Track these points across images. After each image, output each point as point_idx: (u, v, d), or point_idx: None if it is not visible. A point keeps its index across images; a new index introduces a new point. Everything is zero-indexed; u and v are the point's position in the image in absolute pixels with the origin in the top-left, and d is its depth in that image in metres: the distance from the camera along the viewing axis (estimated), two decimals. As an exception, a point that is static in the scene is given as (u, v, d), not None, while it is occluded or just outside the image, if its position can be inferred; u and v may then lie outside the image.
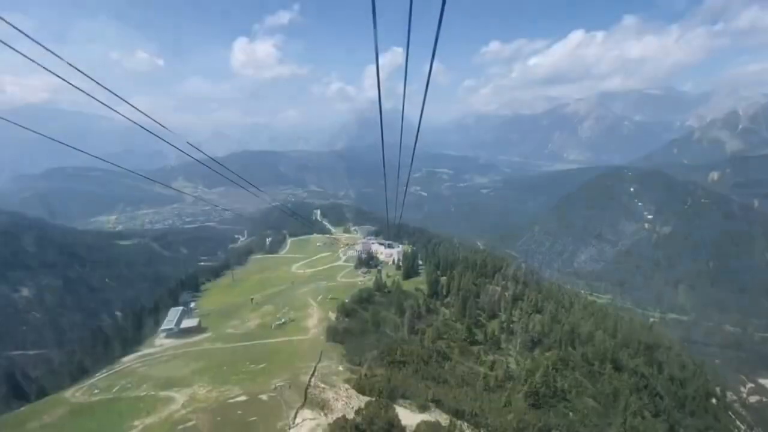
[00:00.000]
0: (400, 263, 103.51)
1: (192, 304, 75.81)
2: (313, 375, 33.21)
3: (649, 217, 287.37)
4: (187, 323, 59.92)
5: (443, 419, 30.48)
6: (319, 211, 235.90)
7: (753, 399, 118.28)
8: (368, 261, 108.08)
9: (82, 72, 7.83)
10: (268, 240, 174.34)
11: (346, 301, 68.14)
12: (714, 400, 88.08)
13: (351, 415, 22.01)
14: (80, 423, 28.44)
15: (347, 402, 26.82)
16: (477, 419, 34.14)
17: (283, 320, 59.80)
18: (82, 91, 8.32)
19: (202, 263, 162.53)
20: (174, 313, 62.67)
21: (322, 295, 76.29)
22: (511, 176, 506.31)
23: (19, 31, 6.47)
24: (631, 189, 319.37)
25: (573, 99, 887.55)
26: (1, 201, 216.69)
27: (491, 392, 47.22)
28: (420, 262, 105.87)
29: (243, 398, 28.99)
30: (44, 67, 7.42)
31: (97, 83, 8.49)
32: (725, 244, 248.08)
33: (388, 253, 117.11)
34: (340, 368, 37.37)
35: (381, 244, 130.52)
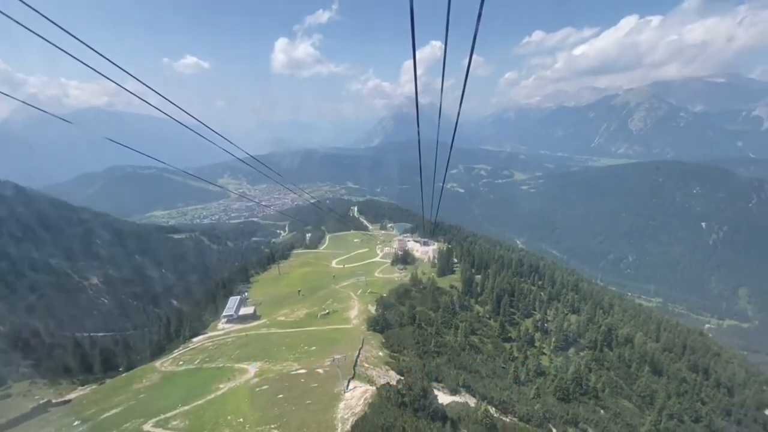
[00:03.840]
0: (436, 261, 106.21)
1: (245, 294, 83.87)
2: (358, 356, 38.04)
3: (708, 215, 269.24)
4: (244, 310, 67.47)
5: (472, 402, 34.04)
6: (356, 208, 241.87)
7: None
8: (404, 258, 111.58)
9: (135, 77, 8.41)
10: (308, 236, 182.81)
11: (384, 295, 72.64)
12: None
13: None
14: (176, 385, 35.29)
15: (389, 379, 31.34)
16: (505, 406, 37.32)
17: (327, 311, 65.46)
18: (135, 95, 9.00)
19: (250, 257, 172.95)
20: (233, 301, 70.61)
21: (362, 289, 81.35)
22: (554, 172, 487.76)
23: (81, 41, 6.83)
24: (687, 185, 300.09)
25: (622, 89, 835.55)
26: (68, 197, 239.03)
27: (521, 385, 49.93)
28: (455, 260, 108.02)
29: (303, 371, 34.49)
30: (102, 74, 7.98)
31: (149, 87, 8.99)
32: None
33: (424, 251, 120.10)
34: (380, 354, 41.93)
35: (417, 241, 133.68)
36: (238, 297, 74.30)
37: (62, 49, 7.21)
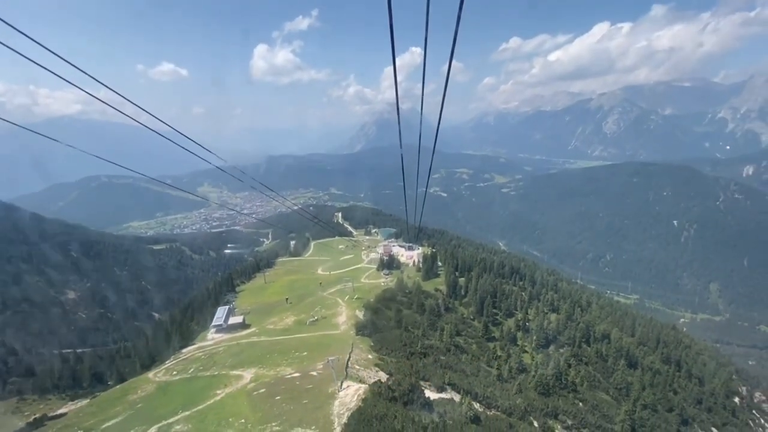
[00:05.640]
0: (420, 265, 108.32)
1: (233, 304, 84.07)
2: (349, 359, 39.69)
3: (679, 214, 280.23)
4: (233, 320, 67.88)
5: (457, 398, 36.12)
6: (340, 214, 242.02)
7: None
8: (390, 263, 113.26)
9: (107, 87, 8.29)
10: (292, 243, 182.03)
11: (371, 300, 74.30)
12: (737, 399, 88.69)
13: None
14: (173, 393, 36.07)
15: (379, 378, 33.14)
16: (488, 400, 39.51)
17: (316, 318, 66.56)
18: (107, 104, 8.73)
19: (233, 266, 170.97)
20: (222, 311, 71.02)
21: (349, 295, 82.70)
22: (533, 175, 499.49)
23: (51, 51, 6.68)
24: (659, 185, 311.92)
25: (596, 94, 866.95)
26: (40, 208, 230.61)
27: (504, 382, 52.37)
28: (439, 264, 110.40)
29: (297, 374, 35.87)
30: (72, 83, 7.76)
31: (122, 96, 8.71)
32: (761, 241, 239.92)
33: (409, 255, 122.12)
34: (369, 356, 43.66)
35: (402, 246, 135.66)
36: (226, 307, 74.66)
37: (27, 57, 6.82)
